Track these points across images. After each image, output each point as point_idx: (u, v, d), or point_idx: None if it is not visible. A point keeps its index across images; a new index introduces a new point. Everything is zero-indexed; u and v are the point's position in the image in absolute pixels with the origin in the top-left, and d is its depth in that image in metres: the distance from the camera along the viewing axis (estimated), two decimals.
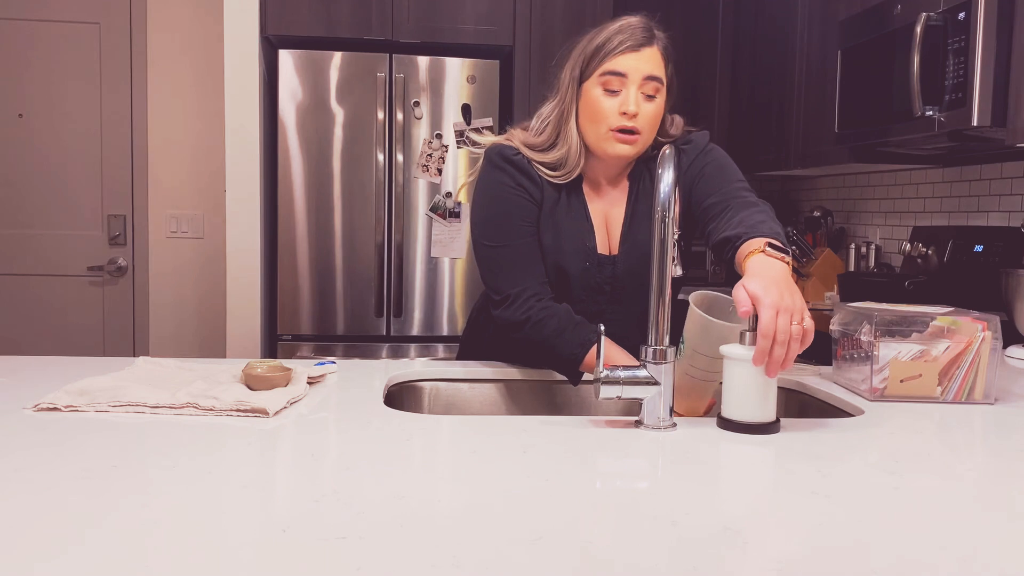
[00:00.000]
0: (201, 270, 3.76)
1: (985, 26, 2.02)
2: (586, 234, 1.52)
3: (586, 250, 1.51)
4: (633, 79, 1.42)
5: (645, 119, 1.44)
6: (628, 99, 1.42)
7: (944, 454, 1.08)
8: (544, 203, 1.51)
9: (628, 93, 1.43)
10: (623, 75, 1.42)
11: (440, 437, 1.11)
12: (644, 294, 1.31)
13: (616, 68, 1.42)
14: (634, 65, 1.42)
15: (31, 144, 3.64)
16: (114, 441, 1.05)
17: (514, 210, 1.50)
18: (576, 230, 1.51)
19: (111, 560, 0.69)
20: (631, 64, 1.42)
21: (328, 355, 3.22)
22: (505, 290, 1.48)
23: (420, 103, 3.22)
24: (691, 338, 1.27)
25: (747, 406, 1.16)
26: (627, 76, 1.42)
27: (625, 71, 1.42)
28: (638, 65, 1.42)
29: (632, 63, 1.42)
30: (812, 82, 3.06)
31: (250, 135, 3.21)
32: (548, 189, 1.52)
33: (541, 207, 1.51)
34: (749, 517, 0.83)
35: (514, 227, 1.50)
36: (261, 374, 1.30)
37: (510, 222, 1.50)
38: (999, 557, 0.75)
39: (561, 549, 0.74)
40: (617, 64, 1.42)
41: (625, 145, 1.45)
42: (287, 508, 0.82)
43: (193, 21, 3.67)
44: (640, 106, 1.43)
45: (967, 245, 2.57)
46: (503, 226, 1.50)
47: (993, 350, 1.35)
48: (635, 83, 1.43)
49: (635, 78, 1.42)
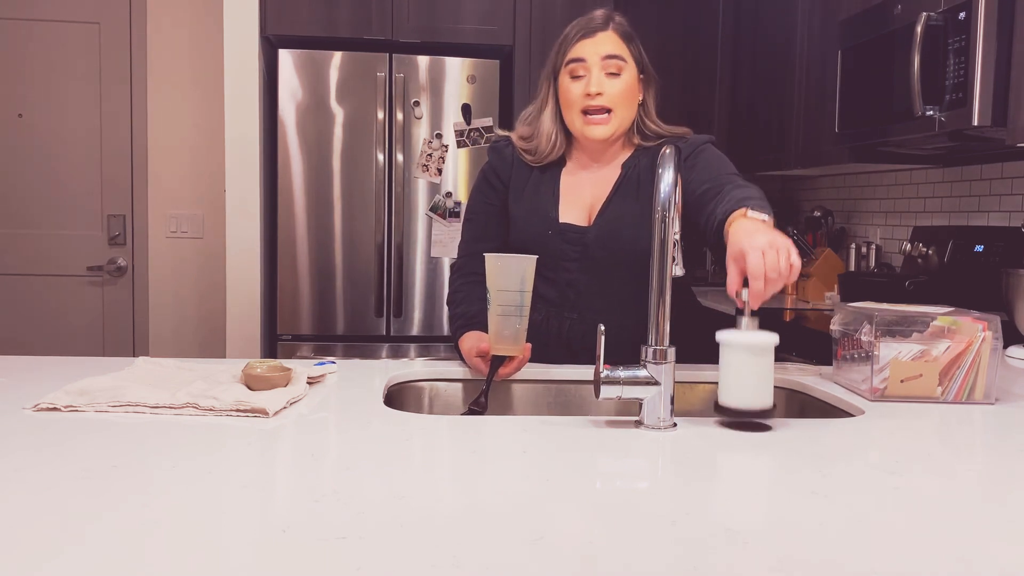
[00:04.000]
0: (201, 270, 3.76)
1: (985, 26, 2.02)
2: (549, 206, 1.64)
3: (547, 219, 1.63)
4: (592, 61, 1.55)
5: (612, 96, 1.56)
6: (591, 80, 1.55)
7: (944, 454, 1.08)
8: (513, 180, 1.68)
9: (591, 75, 1.56)
10: (583, 60, 1.56)
11: (440, 437, 1.11)
12: (619, 268, 1.59)
13: (575, 55, 1.57)
14: (591, 49, 1.56)
15: (31, 144, 3.63)
16: (114, 441, 1.05)
17: (482, 186, 1.71)
18: (539, 202, 1.65)
19: (111, 560, 0.69)
20: (588, 49, 1.56)
21: (328, 355, 3.22)
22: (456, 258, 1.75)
23: (420, 103, 3.22)
24: (492, 281, 1.42)
25: (743, 392, 1.16)
26: (586, 60, 1.56)
27: (583, 56, 1.56)
28: (595, 48, 1.55)
29: (589, 47, 1.56)
30: (812, 82, 3.06)
31: (250, 135, 3.21)
32: (522, 169, 1.68)
33: (509, 185, 1.68)
34: (749, 517, 0.83)
35: (478, 204, 1.71)
36: (261, 374, 1.30)
37: (476, 200, 1.72)
38: (999, 557, 0.74)
39: (561, 549, 0.74)
40: (575, 51, 1.57)
41: (598, 127, 1.57)
42: (287, 508, 0.82)
43: (193, 21, 3.67)
44: (603, 84, 1.55)
45: (967, 245, 2.57)
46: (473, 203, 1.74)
47: (993, 350, 1.35)
48: (595, 65, 1.55)
49: (594, 60, 1.55)
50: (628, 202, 1.61)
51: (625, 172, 1.63)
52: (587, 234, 1.61)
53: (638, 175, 1.62)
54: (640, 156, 1.64)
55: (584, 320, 1.63)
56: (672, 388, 1.18)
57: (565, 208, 1.64)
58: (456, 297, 1.69)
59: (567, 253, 1.62)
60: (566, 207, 1.64)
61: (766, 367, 1.16)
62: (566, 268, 1.62)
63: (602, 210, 1.62)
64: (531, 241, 1.62)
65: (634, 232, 1.57)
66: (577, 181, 1.65)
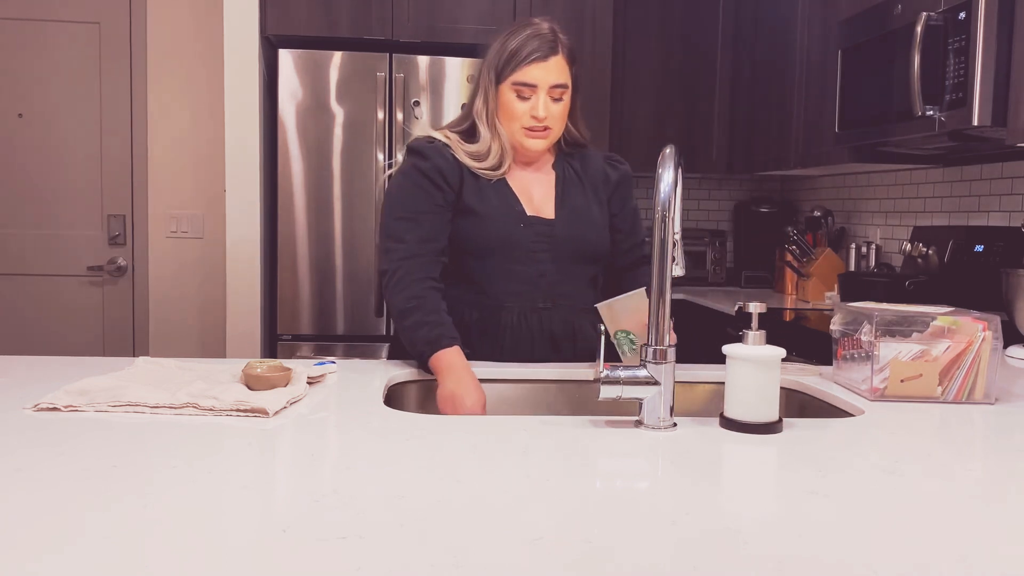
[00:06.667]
0: (201, 270, 3.75)
1: (985, 26, 2.02)
2: (513, 201, 1.69)
3: (515, 213, 1.68)
4: (542, 87, 1.63)
5: (553, 118, 1.65)
6: (538, 105, 1.63)
7: (944, 454, 1.08)
8: (467, 181, 1.66)
9: (538, 100, 1.63)
10: (533, 86, 1.62)
11: (440, 437, 1.11)
12: (582, 254, 1.71)
13: (526, 80, 1.62)
14: (542, 76, 1.62)
15: (31, 144, 3.63)
16: (114, 441, 1.05)
17: (424, 185, 1.63)
18: (500, 196, 1.68)
19: (111, 560, 0.69)
20: (539, 76, 1.62)
21: (328, 355, 3.22)
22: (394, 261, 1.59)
23: (420, 103, 3.22)
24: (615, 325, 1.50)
25: (749, 405, 1.16)
26: (536, 87, 1.63)
27: (535, 82, 1.62)
28: (546, 76, 1.62)
29: (540, 74, 1.62)
30: (812, 82, 3.06)
31: (250, 135, 3.21)
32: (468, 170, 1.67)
33: (462, 186, 1.66)
34: (749, 517, 0.83)
35: (420, 202, 1.63)
36: (261, 374, 1.30)
37: (417, 198, 1.63)
38: (999, 557, 0.74)
39: (561, 549, 0.74)
40: (526, 76, 1.62)
41: (537, 140, 1.66)
42: (287, 508, 0.82)
43: (193, 21, 3.67)
44: (548, 109, 1.64)
45: (967, 245, 2.57)
46: (410, 201, 1.63)
47: (993, 350, 1.35)
48: (543, 91, 1.63)
49: (543, 87, 1.63)
50: (577, 200, 1.73)
51: (561, 173, 1.75)
52: (554, 226, 1.69)
53: (576, 175, 1.76)
54: (567, 160, 1.77)
55: (558, 307, 1.70)
56: (672, 388, 1.18)
57: (523, 205, 1.71)
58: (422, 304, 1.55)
59: (539, 245, 1.68)
60: (523, 204, 1.71)
61: (772, 381, 1.16)
62: (537, 259, 1.68)
63: (560, 203, 1.72)
64: (501, 236, 1.66)
65: (588, 225, 1.72)
66: (521, 180, 1.73)
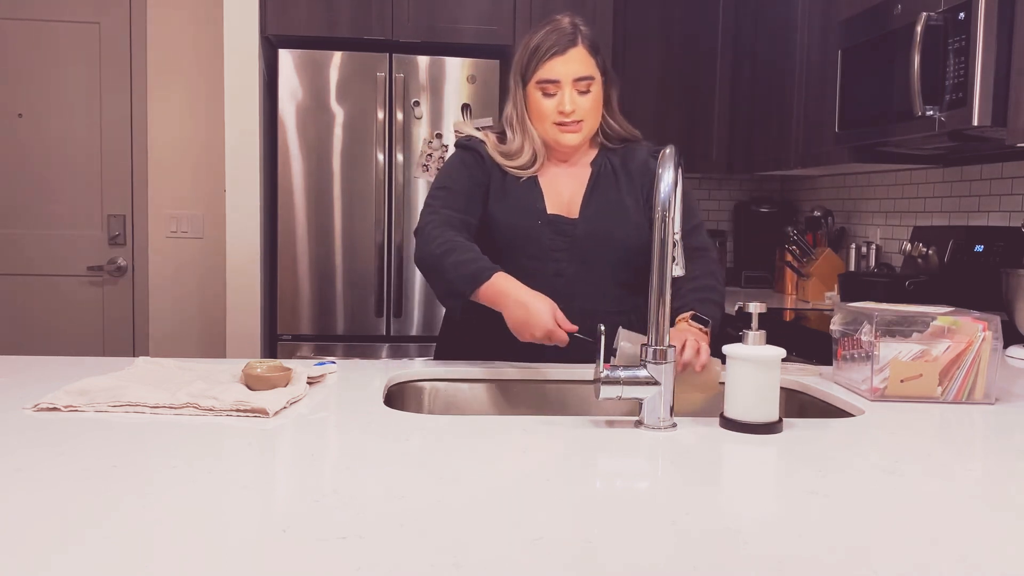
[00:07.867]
0: (201, 270, 3.76)
1: (985, 26, 2.02)
2: (535, 198, 1.69)
3: (535, 210, 1.68)
4: (565, 82, 1.61)
5: (583, 111, 1.63)
6: (564, 100, 1.62)
7: (944, 454, 1.08)
8: (494, 181, 1.69)
9: (563, 95, 1.62)
10: (556, 81, 1.62)
11: (440, 437, 1.11)
12: (603, 256, 1.66)
13: (548, 76, 1.62)
14: (563, 70, 1.61)
15: (31, 144, 3.63)
16: (114, 441, 1.05)
17: (467, 162, 1.70)
18: (524, 193, 1.68)
19: (111, 560, 0.69)
20: (560, 70, 1.61)
21: (328, 355, 3.22)
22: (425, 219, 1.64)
23: (420, 103, 3.22)
24: None
25: (750, 405, 1.16)
26: (559, 82, 1.62)
27: (556, 77, 1.61)
28: (567, 69, 1.61)
29: (561, 68, 1.61)
30: (812, 82, 3.06)
31: (250, 135, 3.21)
32: (497, 170, 1.69)
33: (490, 182, 1.69)
34: (749, 517, 0.83)
35: (460, 177, 1.69)
36: (261, 374, 1.30)
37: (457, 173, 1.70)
38: (999, 557, 0.74)
39: (561, 549, 0.74)
40: (548, 72, 1.61)
41: (570, 134, 1.65)
42: (287, 508, 0.82)
43: (193, 21, 3.67)
44: (575, 102, 1.62)
45: (967, 245, 2.57)
46: (451, 175, 1.70)
47: (993, 350, 1.35)
48: (568, 84, 1.61)
49: (567, 80, 1.61)
50: (609, 195, 1.70)
51: (597, 169, 1.72)
52: (576, 225, 1.68)
53: (612, 170, 1.72)
54: (608, 155, 1.74)
55: (571, 309, 1.62)
56: (672, 388, 1.18)
57: (548, 202, 1.70)
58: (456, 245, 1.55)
59: (557, 244, 1.67)
60: (549, 201, 1.70)
61: (772, 381, 1.16)
62: (555, 259, 1.67)
63: (586, 203, 1.69)
64: (520, 234, 1.66)
65: (617, 223, 1.68)
66: (553, 178, 1.72)
